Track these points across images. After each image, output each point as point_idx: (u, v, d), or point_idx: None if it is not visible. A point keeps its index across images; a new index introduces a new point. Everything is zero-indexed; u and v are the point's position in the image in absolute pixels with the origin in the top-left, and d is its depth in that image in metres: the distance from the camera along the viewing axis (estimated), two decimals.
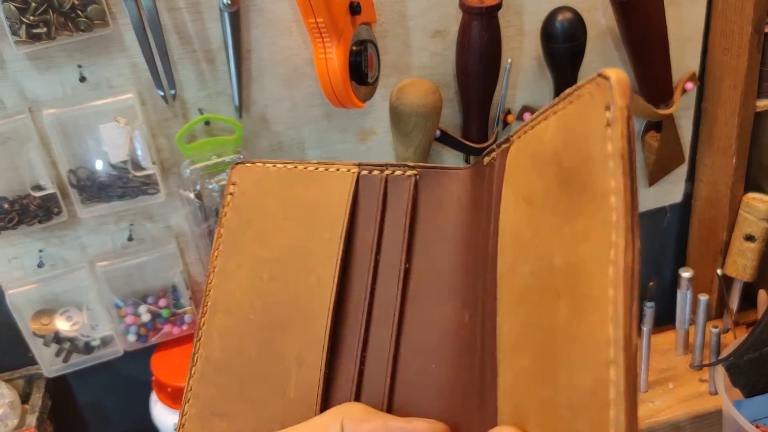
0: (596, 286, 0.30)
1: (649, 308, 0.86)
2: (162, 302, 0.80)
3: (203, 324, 0.46)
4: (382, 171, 0.48)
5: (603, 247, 0.30)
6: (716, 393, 0.89)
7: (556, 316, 0.32)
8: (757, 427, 0.76)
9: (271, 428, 0.42)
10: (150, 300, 0.80)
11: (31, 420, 0.78)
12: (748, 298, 0.98)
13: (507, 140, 0.43)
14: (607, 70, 0.31)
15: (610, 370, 0.28)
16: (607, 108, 0.31)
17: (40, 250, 0.77)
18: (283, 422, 0.42)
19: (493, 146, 0.44)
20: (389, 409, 0.43)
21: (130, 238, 0.79)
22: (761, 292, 0.92)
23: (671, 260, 1.08)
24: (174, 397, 0.79)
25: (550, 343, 0.33)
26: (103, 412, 0.91)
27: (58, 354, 0.80)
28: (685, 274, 0.90)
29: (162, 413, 0.80)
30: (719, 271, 0.96)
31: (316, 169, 0.48)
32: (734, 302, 0.97)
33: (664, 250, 1.07)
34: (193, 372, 0.45)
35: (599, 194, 0.31)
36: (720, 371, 0.82)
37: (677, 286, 0.91)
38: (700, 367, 0.93)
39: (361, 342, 0.44)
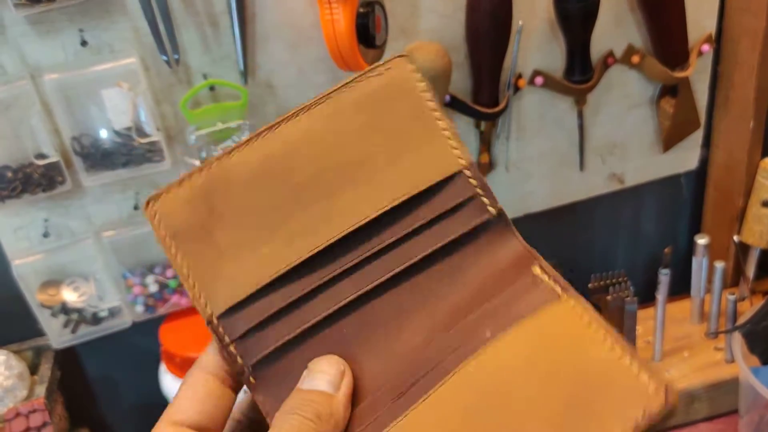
0: None
1: (665, 276, 0.85)
2: (169, 272, 0.80)
3: (266, 134, 0.45)
4: (477, 185, 0.47)
5: None
6: (732, 361, 0.87)
7: None
8: None
9: (227, 254, 0.44)
10: (157, 270, 0.80)
11: (41, 391, 0.77)
12: (765, 266, 0.96)
13: (562, 285, 0.43)
14: (672, 388, 0.35)
15: None
16: (645, 411, 0.35)
17: (45, 220, 0.76)
18: (238, 260, 0.44)
19: (550, 273, 0.45)
20: (309, 333, 0.44)
21: (135, 207, 0.77)
22: None
23: (686, 227, 1.06)
24: (183, 368, 0.78)
25: None
26: (112, 383, 0.90)
27: (65, 325, 0.79)
28: (701, 241, 0.88)
29: (171, 384, 0.80)
30: (736, 238, 0.94)
31: (444, 130, 0.47)
32: (751, 270, 0.95)
33: (679, 218, 1.05)
34: (226, 156, 0.45)
35: None
36: (737, 338, 0.80)
37: (693, 253, 0.90)
38: (716, 334, 0.91)
39: (333, 275, 0.45)
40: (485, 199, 0.47)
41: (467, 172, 0.47)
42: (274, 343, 0.43)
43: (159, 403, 0.84)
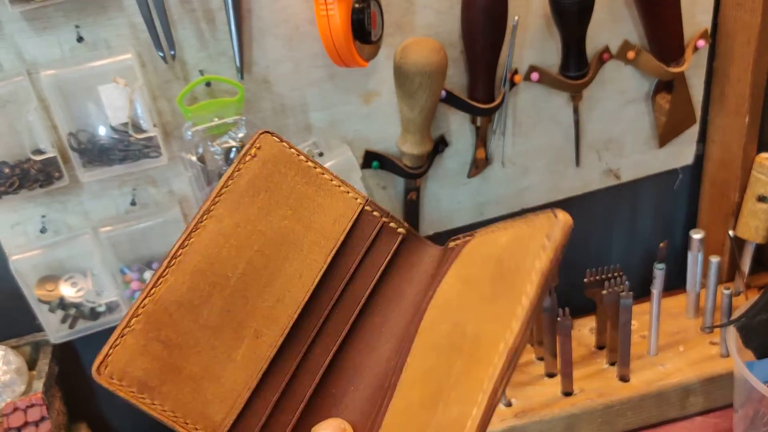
0: (488, 352, 0.40)
1: (660, 270, 0.85)
2: None
3: (180, 254, 0.47)
4: (381, 216, 0.55)
5: (504, 328, 0.40)
6: (727, 355, 0.88)
7: (452, 367, 0.43)
8: None
9: (205, 377, 0.46)
10: (155, 266, 0.80)
11: (38, 386, 0.78)
12: (760, 261, 0.97)
13: (471, 234, 0.53)
14: (560, 211, 0.43)
15: (474, 409, 0.38)
16: (548, 237, 0.42)
17: (43, 216, 0.76)
18: (218, 377, 0.46)
19: (460, 236, 0.55)
20: (306, 408, 0.49)
21: (133, 203, 0.78)
22: None
23: (682, 223, 1.06)
24: None
25: (441, 384, 0.43)
26: None
27: (63, 320, 0.79)
28: (696, 235, 0.88)
29: None
30: (731, 233, 0.94)
31: (331, 180, 0.54)
32: (746, 264, 0.95)
33: (675, 213, 1.05)
34: (152, 292, 0.46)
35: (517, 293, 0.41)
36: (732, 333, 0.80)
37: (688, 248, 0.90)
38: (712, 328, 0.92)
39: (306, 347, 0.50)
40: (392, 224, 0.55)
41: (368, 208, 0.54)
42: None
43: None
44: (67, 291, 0.78)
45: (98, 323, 0.80)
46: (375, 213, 0.55)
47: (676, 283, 0.97)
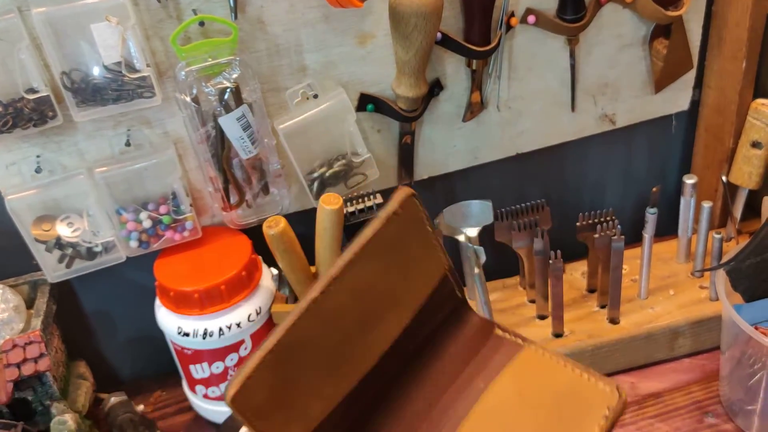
0: None
1: (652, 214, 0.86)
2: (162, 209, 0.80)
3: (319, 299, 0.50)
4: (453, 280, 0.58)
5: None
6: (716, 299, 0.89)
7: None
8: (756, 329, 0.76)
9: (298, 412, 0.50)
10: (150, 207, 0.80)
11: (36, 323, 0.79)
12: (752, 207, 0.97)
13: (523, 338, 0.59)
14: (622, 389, 0.52)
15: None
16: (609, 408, 0.51)
17: (38, 156, 0.76)
18: (306, 410, 0.51)
19: (510, 331, 0.60)
20: None
21: (127, 144, 0.78)
22: (765, 200, 0.91)
23: (676, 168, 1.06)
24: (177, 302, 0.79)
25: None
26: (108, 317, 0.92)
27: (60, 260, 0.80)
28: (689, 180, 0.89)
29: (166, 317, 0.81)
30: (724, 178, 0.94)
31: (433, 240, 0.57)
32: (738, 210, 0.96)
33: (669, 158, 1.06)
34: (290, 330, 0.50)
35: None
36: (721, 276, 0.82)
37: (681, 193, 0.90)
38: (702, 272, 0.93)
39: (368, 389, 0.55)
40: (456, 288, 0.59)
41: (448, 273, 0.58)
42: None
43: (154, 336, 0.86)
44: (64, 231, 0.79)
45: (95, 263, 0.81)
46: (450, 277, 0.58)
47: (668, 228, 0.98)
